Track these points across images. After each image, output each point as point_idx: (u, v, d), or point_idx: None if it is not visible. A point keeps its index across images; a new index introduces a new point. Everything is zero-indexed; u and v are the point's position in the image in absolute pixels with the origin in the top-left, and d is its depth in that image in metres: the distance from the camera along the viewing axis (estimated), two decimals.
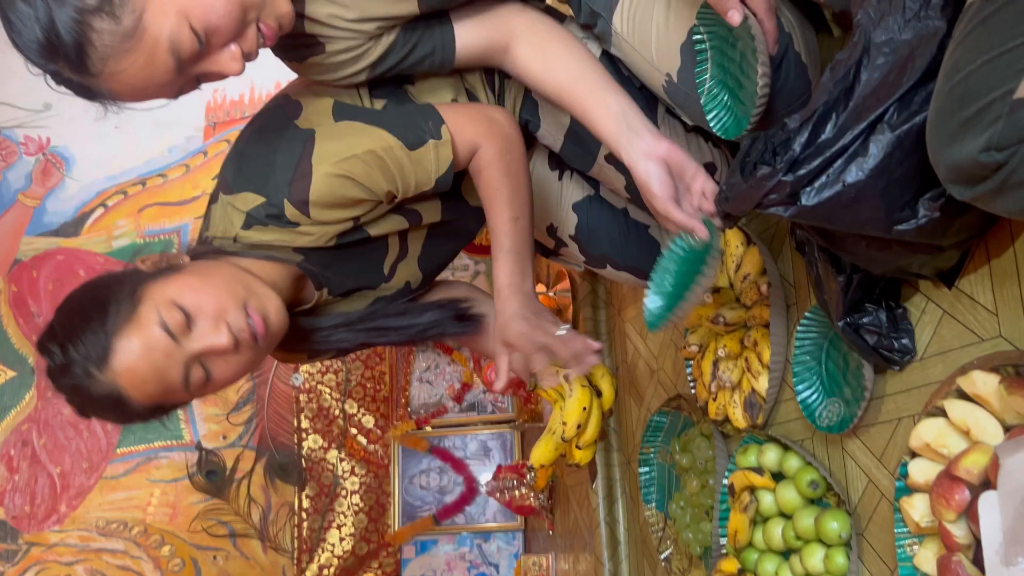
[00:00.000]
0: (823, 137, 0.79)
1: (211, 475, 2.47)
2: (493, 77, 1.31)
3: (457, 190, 1.29)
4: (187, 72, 0.96)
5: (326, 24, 1.07)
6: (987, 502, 0.70)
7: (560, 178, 1.47)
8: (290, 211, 1.09)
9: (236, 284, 1.07)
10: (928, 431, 0.86)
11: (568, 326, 1.18)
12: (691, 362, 1.41)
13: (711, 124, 1.11)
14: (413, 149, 1.11)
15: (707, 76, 1.10)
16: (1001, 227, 0.85)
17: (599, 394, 1.35)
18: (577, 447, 1.25)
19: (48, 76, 0.94)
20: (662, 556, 1.54)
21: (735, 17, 0.95)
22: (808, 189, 0.80)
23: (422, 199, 1.22)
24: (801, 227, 0.97)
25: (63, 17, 0.87)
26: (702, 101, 1.11)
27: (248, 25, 0.96)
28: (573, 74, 1.16)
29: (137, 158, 2.52)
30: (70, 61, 0.90)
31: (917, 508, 0.88)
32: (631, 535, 1.78)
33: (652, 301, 1.08)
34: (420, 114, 1.16)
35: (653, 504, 1.57)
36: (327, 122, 1.13)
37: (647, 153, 1.09)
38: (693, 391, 1.40)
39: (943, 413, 0.86)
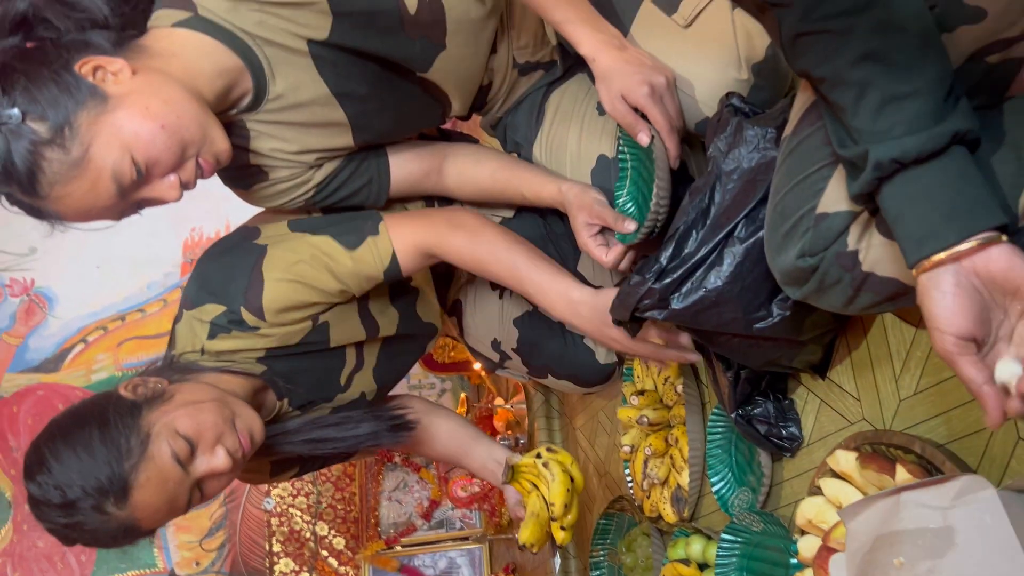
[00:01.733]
0: (687, 250, 0.92)
1: None
2: (433, 204, 1.46)
3: (412, 307, 1.41)
4: (129, 198, 1.04)
5: (269, 156, 1.20)
6: (836, 563, 0.79)
7: (500, 296, 1.60)
8: (248, 316, 1.19)
9: (224, 407, 1.16)
10: (809, 509, 0.95)
11: None
12: (628, 463, 1.50)
13: (615, 233, 1.22)
14: (353, 249, 1.23)
15: (625, 188, 1.23)
16: (854, 323, 0.97)
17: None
18: (561, 528, 1.35)
19: (3, 197, 1.03)
20: None
21: (644, 138, 1.09)
22: (676, 295, 0.92)
23: (381, 310, 1.34)
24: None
25: (19, 148, 0.97)
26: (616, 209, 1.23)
27: (188, 159, 1.05)
28: (503, 160, 1.35)
29: (117, 295, 2.66)
30: (22, 185, 0.99)
31: None
32: None
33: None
34: (361, 217, 1.29)
35: None
36: (281, 235, 1.25)
37: (575, 203, 1.21)
38: (631, 491, 1.48)
39: (821, 492, 0.95)
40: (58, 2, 1.04)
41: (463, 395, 2.60)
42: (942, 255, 0.61)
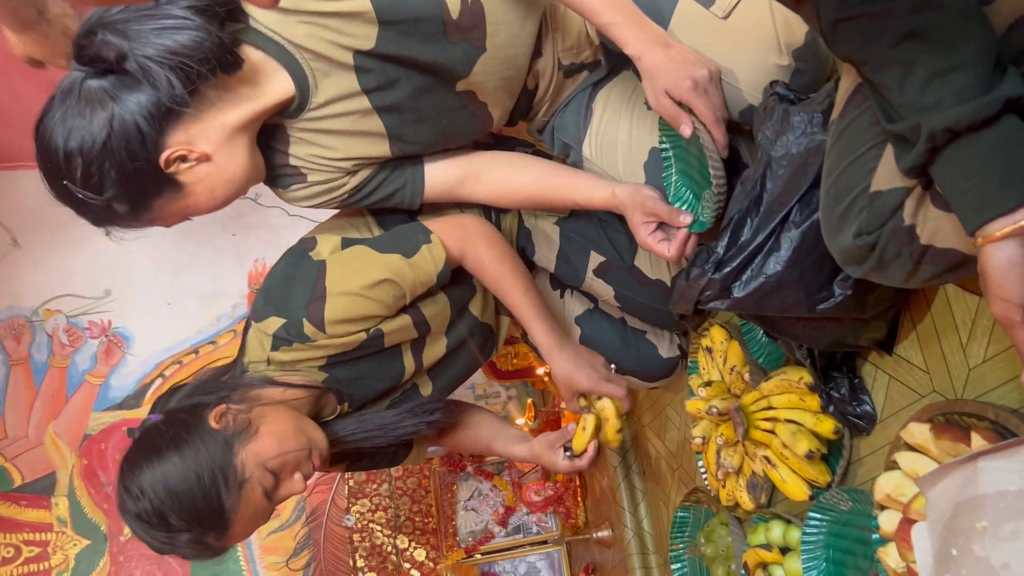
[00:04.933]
0: (743, 238, 0.94)
1: None
2: (489, 212, 1.50)
3: (465, 301, 1.47)
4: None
5: (307, 160, 1.27)
6: (918, 532, 0.80)
7: (561, 296, 1.63)
8: (308, 329, 1.27)
9: (301, 434, 1.27)
10: (887, 483, 0.96)
11: (612, 366, 1.48)
12: (701, 455, 1.51)
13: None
14: (411, 257, 1.30)
15: (673, 179, 1.26)
16: (918, 297, 0.98)
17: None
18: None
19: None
20: None
21: (686, 131, 1.12)
22: (737, 283, 0.94)
23: (430, 304, 1.39)
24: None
25: (100, 214, 1.15)
26: (670, 200, 1.26)
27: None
28: (548, 167, 1.38)
29: (189, 329, 2.77)
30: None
31: (891, 556, 0.97)
32: None
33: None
34: (410, 230, 1.36)
35: None
36: (336, 251, 1.33)
37: (629, 204, 1.27)
38: (706, 482, 1.49)
39: (898, 466, 0.96)
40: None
41: (529, 400, 2.64)
42: (1009, 228, 0.62)
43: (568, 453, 1.50)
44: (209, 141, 1.14)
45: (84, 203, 1.12)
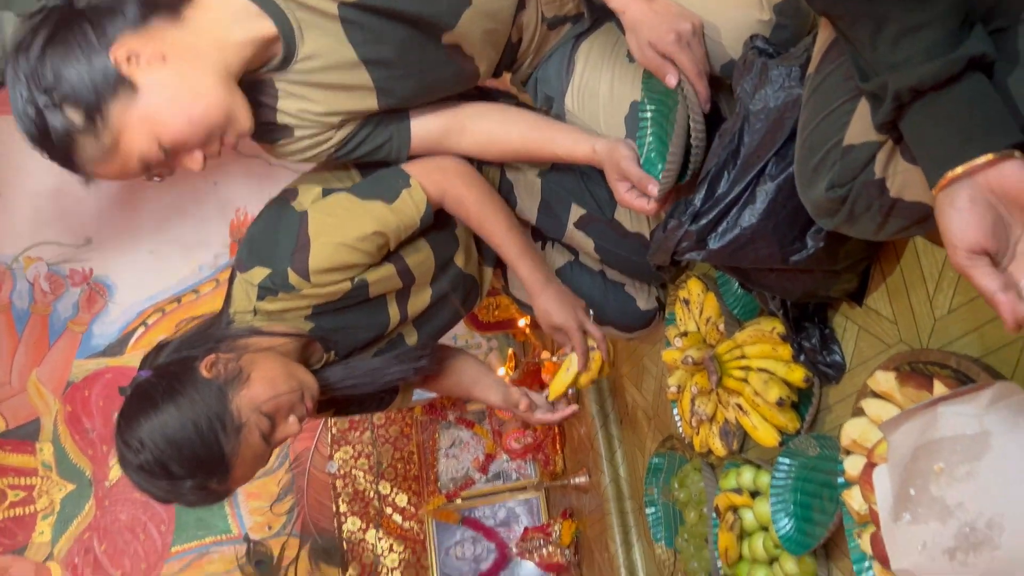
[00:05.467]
0: (719, 191, 0.96)
1: (260, 565, 2.61)
2: (472, 163, 1.51)
3: (451, 253, 1.48)
4: (153, 171, 1.17)
5: (295, 116, 1.27)
6: (879, 474, 0.84)
7: (543, 248, 1.65)
8: (293, 278, 1.28)
9: (292, 378, 1.28)
10: (853, 429, 1.00)
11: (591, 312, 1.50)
12: (676, 403, 1.55)
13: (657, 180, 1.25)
14: (392, 202, 1.32)
15: (647, 141, 1.27)
16: (888, 250, 1.01)
17: None
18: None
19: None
20: None
21: (672, 80, 1.13)
22: (713, 235, 0.96)
23: (413, 254, 1.41)
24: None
25: (57, 131, 1.07)
26: (642, 162, 1.27)
27: (212, 140, 1.16)
28: (533, 121, 1.38)
29: (171, 278, 2.77)
30: (60, 161, 1.11)
31: (855, 498, 1.01)
32: (648, 574, 1.88)
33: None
34: (389, 175, 1.37)
35: (662, 541, 1.68)
36: (317, 200, 1.34)
37: (607, 162, 1.28)
38: (681, 430, 1.54)
39: (864, 412, 1.00)
40: None
41: (510, 351, 2.67)
42: (958, 170, 0.64)
43: (545, 394, 1.54)
44: (166, 46, 1.11)
45: (46, 133, 1.08)
